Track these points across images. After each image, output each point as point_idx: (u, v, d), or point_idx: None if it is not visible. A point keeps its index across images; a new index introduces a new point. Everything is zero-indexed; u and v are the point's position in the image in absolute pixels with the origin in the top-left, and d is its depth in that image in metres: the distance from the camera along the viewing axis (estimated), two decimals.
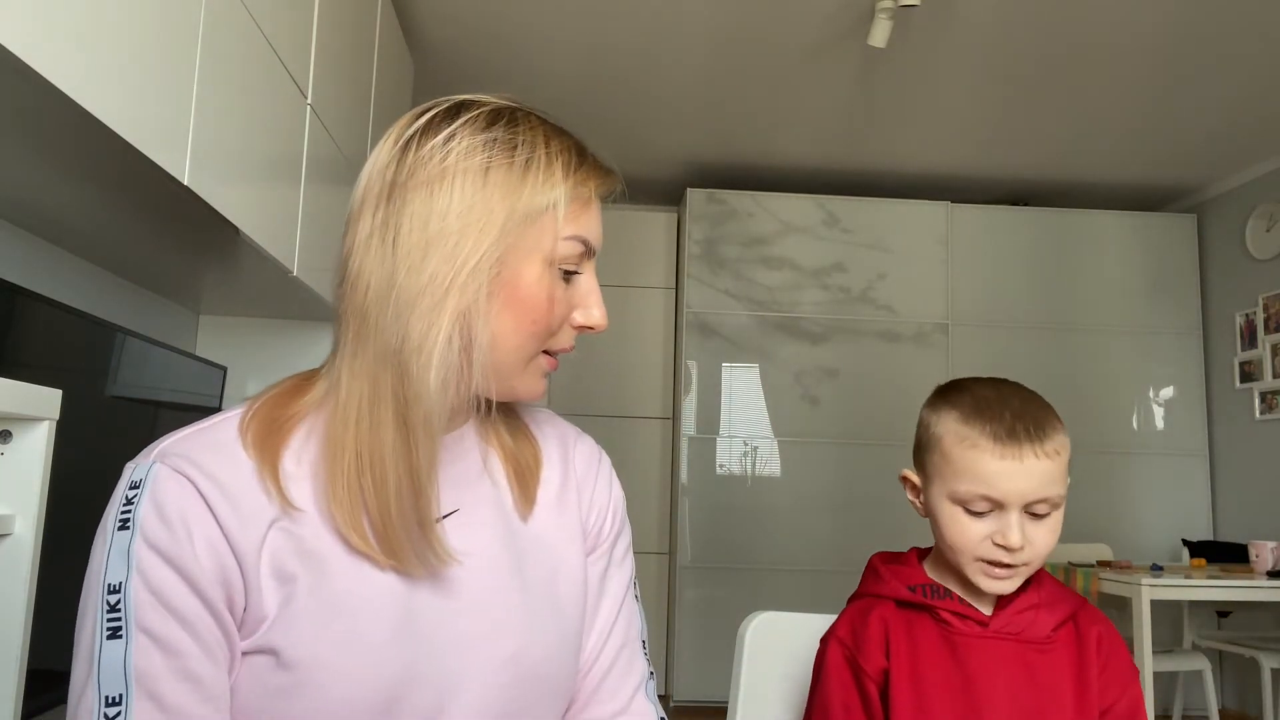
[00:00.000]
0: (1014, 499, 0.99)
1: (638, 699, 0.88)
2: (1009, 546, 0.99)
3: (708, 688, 4.20)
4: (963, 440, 1.02)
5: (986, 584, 1.01)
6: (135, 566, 0.69)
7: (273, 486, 0.74)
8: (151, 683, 0.67)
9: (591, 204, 0.81)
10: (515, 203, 0.76)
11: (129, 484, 0.72)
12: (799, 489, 4.37)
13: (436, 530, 0.76)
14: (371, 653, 0.72)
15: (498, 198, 0.76)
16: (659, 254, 4.74)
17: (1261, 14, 3.01)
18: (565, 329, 0.82)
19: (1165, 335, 4.56)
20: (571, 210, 0.78)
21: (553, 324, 0.79)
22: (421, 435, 0.74)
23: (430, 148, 0.77)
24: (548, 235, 0.77)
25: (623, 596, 0.90)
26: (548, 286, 0.78)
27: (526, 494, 0.86)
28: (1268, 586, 3.08)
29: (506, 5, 3.10)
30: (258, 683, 0.71)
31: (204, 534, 0.70)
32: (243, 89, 1.61)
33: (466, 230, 0.74)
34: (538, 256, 0.77)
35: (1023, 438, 0.99)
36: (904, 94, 3.69)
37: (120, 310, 2.06)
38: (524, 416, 0.92)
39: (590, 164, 0.81)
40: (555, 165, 0.78)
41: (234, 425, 0.77)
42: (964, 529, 1.01)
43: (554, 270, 0.78)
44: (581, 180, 0.80)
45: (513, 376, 0.80)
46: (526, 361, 0.80)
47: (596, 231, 0.81)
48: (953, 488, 1.02)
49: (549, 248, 0.77)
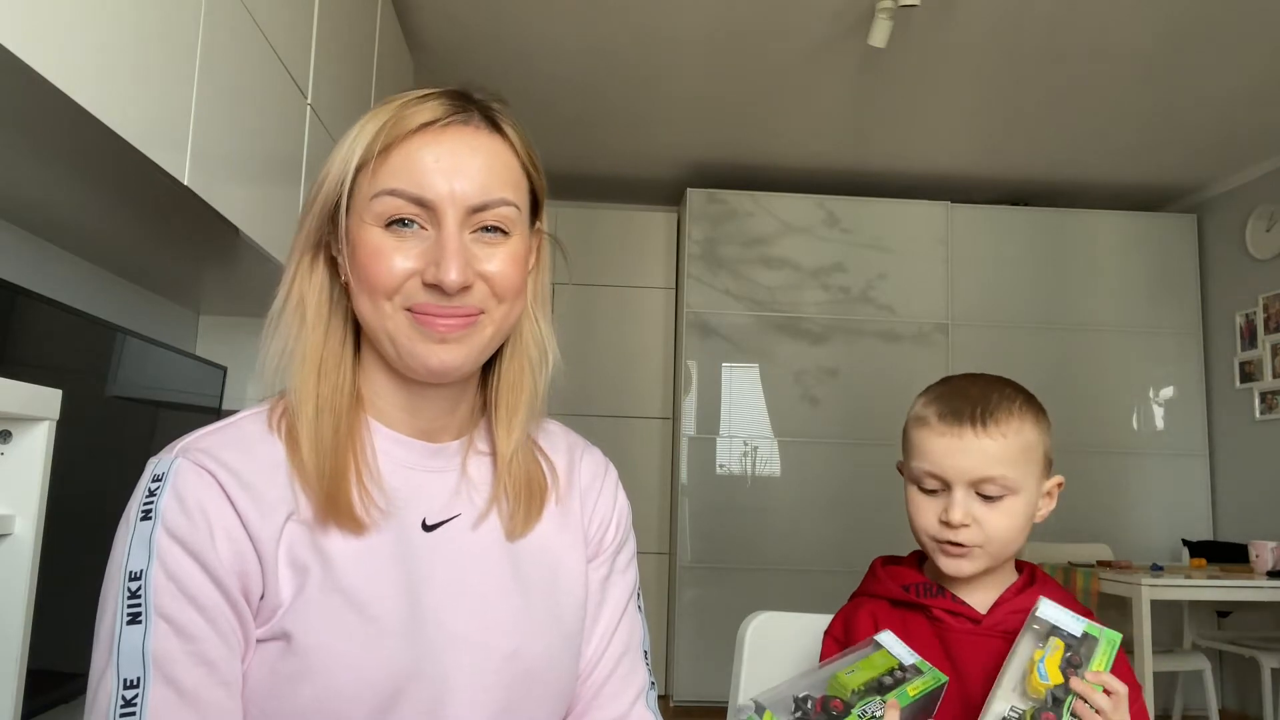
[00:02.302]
0: (955, 475, 1.02)
1: (637, 707, 0.89)
2: (949, 523, 1.01)
3: (708, 688, 4.19)
4: (918, 420, 1.07)
5: (944, 563, 1.04)
6: (156, 555, 0.71)
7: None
8: (169, 666, 0.69)
9: (401, 151, 0.77)
10: (329, 171, 0.79)
11: (152, 477, 0.75)
12: (799, 489, 4.37)
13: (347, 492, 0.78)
14: (378, 645, 0.74)
15: (330, 166, 0.80)
16: (659, 254, 4.74)
17: (1261, 14, 3.01)
18: (412, 286, 0.77)
19: (1165, 335, 4.56)
20: (375, 164, 0.76)
21: (384, 285, 0.76)
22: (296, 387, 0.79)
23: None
24: (362, 195, 0.77)
25: (624, 604, 0.91)
26: (369, 245, 0.77)
27: (521, 515, 0.85)
28: (1268, 586, 3.08)
29: (507, 5, 3.10)
30: (268, 668, 0.73)
31: (223, 525, 0.73)
32: (243, 89, 1.61)
33: (308, 205, 0.81)
34: (359, 218, 0.78)
35: (965, 417, 1.02)
36: (904, 94, 3.69)
37: (120, 310, 2.06)
38: (536, 431, 0.92)
39: (409, 110, 0.77)
40: (368, 126, 0.78)
41: (262, 419, 0.80)
42: (919, 508, 1.05)
43: (379, 229, 0.76)
44: (390, 127, 0.76)
45: (392, 345, 0.78)
46: (384, 322, 0.77)
47: (417, 179, 0.76)
48: (910, 466, 1.07)
49: (364, 207, 0.77)
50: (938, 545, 1.04)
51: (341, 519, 0.76)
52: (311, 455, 0.76)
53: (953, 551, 1.03)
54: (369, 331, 0.80)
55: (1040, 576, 1.09)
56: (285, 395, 0.81)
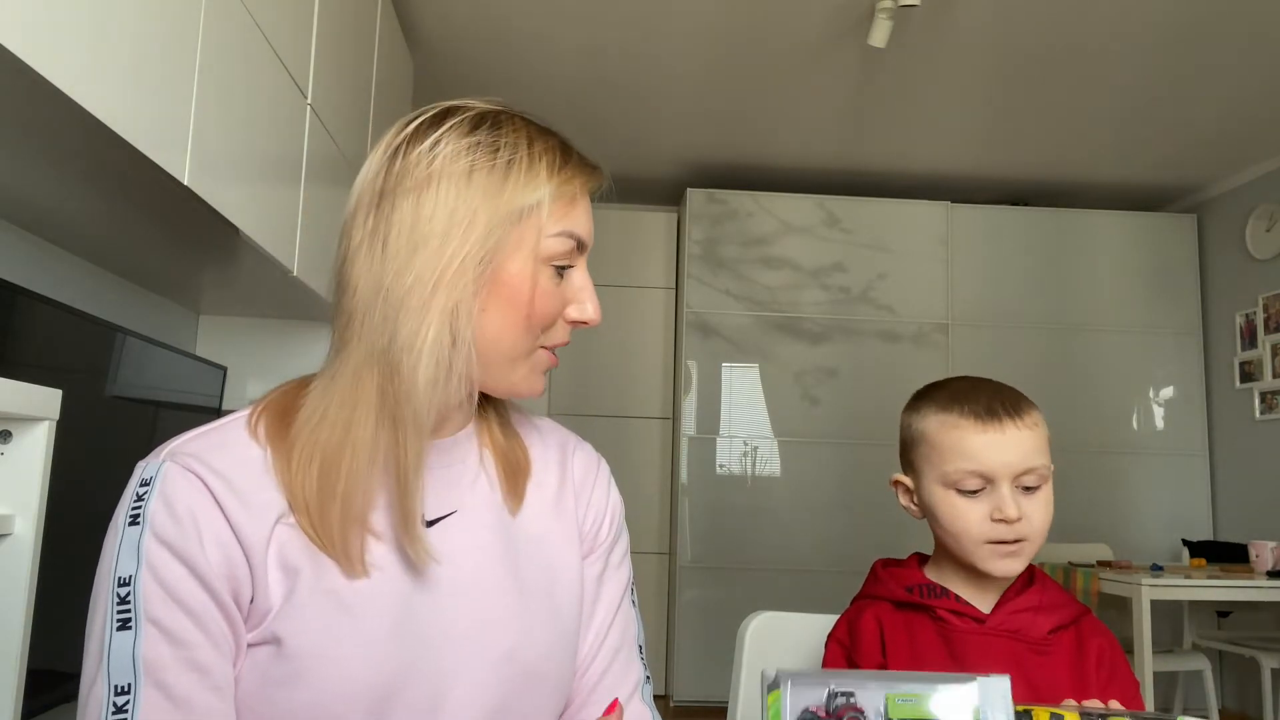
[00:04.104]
0: (1002, 471, 1.02)
1: (634, 702, 0.89)
2: (1008, 519, 1.01)
3: (708, 688, 4.19)
4: (944, 424, 1.06)
5: (997, 565, 1.03)
6: (145, 560, 0.71)
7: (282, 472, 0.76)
8: (159, 672, 0.69)
9: (578, 200, 0.82)
10: (499, 202, 0.78)
11: (139, 482, 0.74)
12: (799, 489, 4.37)
13: (420, 530, 0.77)
14: (370, 647, 0.74)
15: (481, 198, 0.77)
16: (659, 254, 4.74)
17: (1261, 15, 3.01)
18: (559, 324, 0.84)
19: (1165, 335, 4.56)
20: (557, 207, 0.80)
21: (544, 319, 0.81)
22: (410, 432, 0.76)
23: (416, 154, 0.79)
24: (533, 232, 0.79)
25: (619, 600, 0.92)
26: (536, 282, 0.79)
27: (515, 490, 0.87)
28: (1268, 586, 3.08)
29: (507, 5, 3.10)
30: (259, 672, 0.73)
31: (212, 529, 0.72)
32: (243, 89, 1.61)
33: (451, 231, 0.76)
34: (525, 253, 0.79)
35: (1000, 412, 1.04)
36: (904, 94, 3.69)
37: (120, 310, 2.06)
38: (525, 424, 0.94)
39: (575, 161, 0.83)
40: (539, 164, 0.80)
41: (241, 423, 0.79)
42: (962, 513, 1.04)
43: (543, 266, 0.80)
44: (567, 178, 0.81)
45: (512, 372, 0.82)
46: (523, 357, 0.82)
47: (586, 227, 0.83)
48: (943, 471, 1.05)
49: (535, 244, 0.79)
50: (991, 548, 1.02)
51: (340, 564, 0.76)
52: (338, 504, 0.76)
53: (1006, 551, 1.02)
54: (486, 355, 0.80)
55: (1039, 576, 1.09)
56: (259, 403, 0.81)
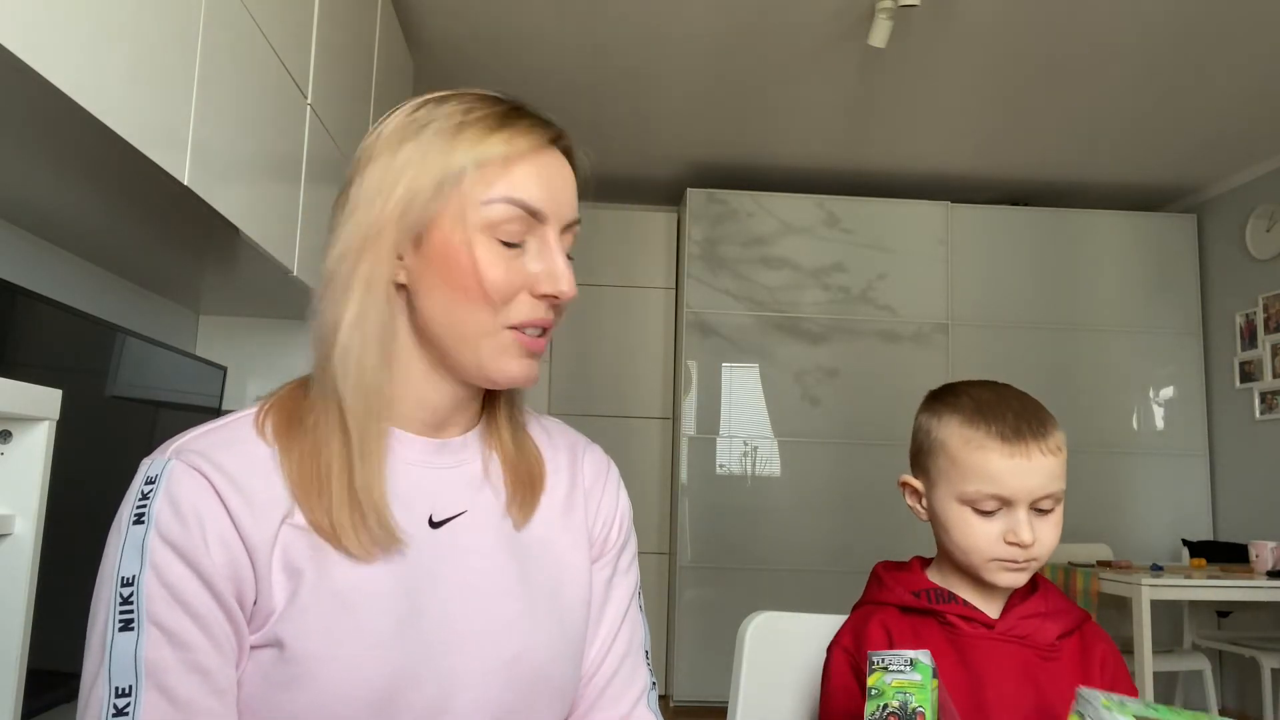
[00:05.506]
0: (1022, 496, 1.00)
1: (639, 708, 0.89)
2: (1022, 544, 1.00)
3: (708, 688, 4.19)
4: (969, 442, 1.03)
5: (1002, 579, 1.02)
6: (149, 560, 0.70)
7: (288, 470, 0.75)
8: (161, 675, 0.68)
9: (520, 164, 0.77)
10: (421, 169, 0.75)
11: (144, 479, 0.73)
12: (799, 489, 4.37)
13: (386, 514, 0.75)
14: (373, 649, 0.73)
15: (403, 166, 0.76)
16: (659, 254, 4.74)
17: (1261, 14, 3.01)
18: (522, 300, 0.77)
19: (1165, 335, 4.56)
20: (488, 171, 0.76)
21: (497, 294, 0.76)
22: (351, 416, 0.75)
23: (369, 139, 0.79)
24: (459, 199, 0.75)
25: (627, 605, 0.91)
26: (474, 253, 0.75)
27: (526, 503, 0.85)
28: (1268, 586, 3.08)
29: (507, 5, 3.10)
30: (262, 675, 0.71)
31: (217, 529, 0.71)
32: (243, 89, 1.61)
33: (374, 200, 0.76)
34: (455, 221, 0.75)
35: (1028, 436, 1.01)
36: (904, 94, 3.69)
37: (120, 310, 2.06)
38: (534, 425, 0.92)
39: (521, 125, 0.78)
40: (470, 130, 0.77)
41: (249, 421, 0.78)
42: (975, 531, 1.02)
43: (481, 236, 0.75)
44: (504, 139, 0.77)
45: (476, 354, 0.77)
46: (484, 336, 0.77)
47: (537, 193, 0.77)
48: (960, 489, 1.03)
49: (464, 211, 0.75)
50: (999, 564, 1.02)
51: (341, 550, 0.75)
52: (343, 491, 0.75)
53: (1014, 567, 1.02)
54: (443, 338, 0.77)
55: (1042, 582, 1.09)
56: (266, 401, 0.80)
